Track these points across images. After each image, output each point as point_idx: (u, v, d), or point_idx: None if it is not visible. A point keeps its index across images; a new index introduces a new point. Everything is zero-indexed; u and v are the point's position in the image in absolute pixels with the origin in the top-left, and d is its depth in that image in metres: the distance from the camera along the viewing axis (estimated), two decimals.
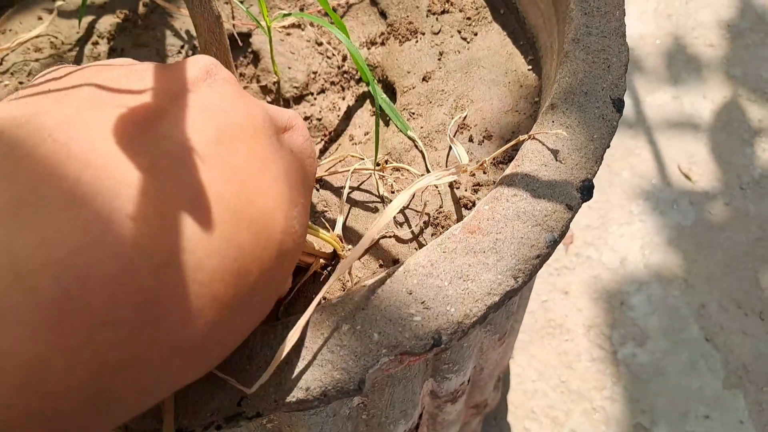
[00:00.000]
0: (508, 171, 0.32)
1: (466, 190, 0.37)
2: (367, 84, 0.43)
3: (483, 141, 0.39)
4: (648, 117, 0.97)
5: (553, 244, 0.29)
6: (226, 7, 0.48)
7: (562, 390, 0.78)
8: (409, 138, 0.40)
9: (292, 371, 0.27)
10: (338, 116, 0.44)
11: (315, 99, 0.46)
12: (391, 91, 0.45)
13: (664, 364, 0.79)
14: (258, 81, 0.46)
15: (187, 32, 0.47)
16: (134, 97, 0.23)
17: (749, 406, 0.76)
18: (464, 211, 0.36)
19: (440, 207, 0.36)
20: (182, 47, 0.47)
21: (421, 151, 0.39)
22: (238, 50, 0.47)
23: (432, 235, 0.35)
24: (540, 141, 0.32)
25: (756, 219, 0.88)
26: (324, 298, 0.34)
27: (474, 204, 0.36)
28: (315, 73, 0.46)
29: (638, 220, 0.89)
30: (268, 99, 0.46)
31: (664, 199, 0.91)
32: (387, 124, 0.42)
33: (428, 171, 0.38)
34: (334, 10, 0.48)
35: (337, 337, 0.28)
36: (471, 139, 0.39)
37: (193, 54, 0.47)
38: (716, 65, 1.02)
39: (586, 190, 0.30)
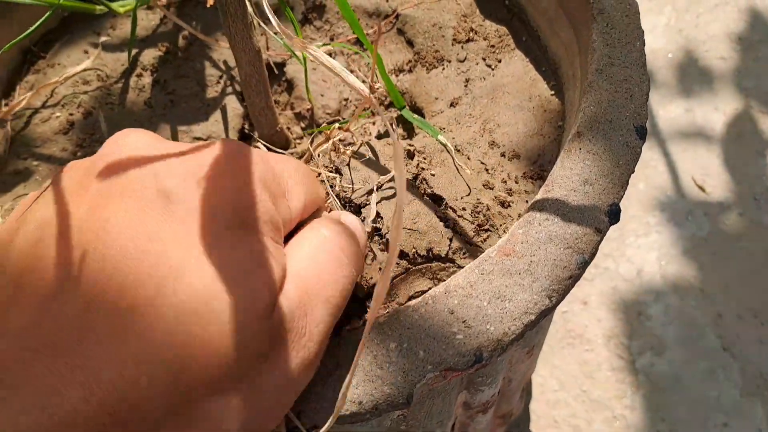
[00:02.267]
0: (539, 196, 0.34)
1: (500, 191, 0.39)
2: (399, 108, 0.45)
3: (512, 159, 0.41)
4: (662, 130, 0.99)
5: (584, 265, 0.31)
6: (261, 38, 0.51)
7: (583, 399, 0.80)
8: (440, 142, 0.42)
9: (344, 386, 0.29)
10: (369, 140, 0.47)
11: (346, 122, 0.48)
12: (419, 116, 0.47)
13: (683, 373, 0.81)
14: (292, 108, 0.49)
15: (225, 63, 0.50)
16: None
17: None
18: (501, 209, 0.38)
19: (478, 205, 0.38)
20: (220, 77, 0.49)
21: (450, 152, 0.41)
22: (273, 79, 0.50)
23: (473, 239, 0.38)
24: (569, 167, 0.34)
25: None
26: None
27: (509, 204, 0.39)
28: (346, 100, 0.49)
29: (654, 232, 0.91)
30: (302, 125, 0.48)
31: (679, 210, 0.92)
32: (414, 135, 0.44)
33: (458, 170, 0.40)
34: (362, 43, 0.50)
35: (385, 354, 0.30)
36: (503, 155, 0.41)
37: (231, 84, 0.49)
38: (728, 78, 1.04)
39: (614, 214, 0.32)
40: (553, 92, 0.45)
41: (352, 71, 0.50)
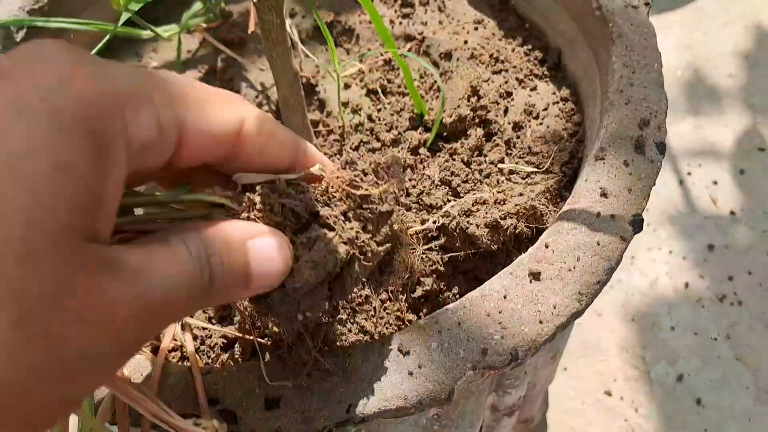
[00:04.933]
0: (566, 207, 0.37)
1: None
2: (421, 116, 0.48)
3: (541, 149, 0.45)
4: (672, 146, 1.02)
5: (610, 271, 0.34)
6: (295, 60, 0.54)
7: (598, 408, 0.81)
8: None
9: (391, 383, 0.32)
10: (400, 149, 0.49)
11: (375, 136, 0.50)
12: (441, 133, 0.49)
13: (696, 383, 0.83)
14: (325, 125, 0.51)
15: (261, 84, 0.52)
16: None
17: None
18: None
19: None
20: (257, 97, 0.52)
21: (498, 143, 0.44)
22: (306, 98, 0.53)
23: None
24: (593, 180, 0.37)
25: None
26: (409, 321, 0.39)
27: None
28: (376, 116, 0.51)
29: (666, 245, 0.93)
30: (333, 138, 0.51)
31: (690, 224, 0.95)
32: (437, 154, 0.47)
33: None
34: (391, 60, 0.53)
35: (427, 353, 0.32)
36: (532, 148, 0.45)
37: (267, 103, 0.52)
38: (735, 95, 1.06)
39: (637, 224, 0.35)
40: (574, 107, 0.47)
41: (375, 92, 0.52)
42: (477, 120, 0.47)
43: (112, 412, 0.32)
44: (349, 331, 0.37)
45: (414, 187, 0.45)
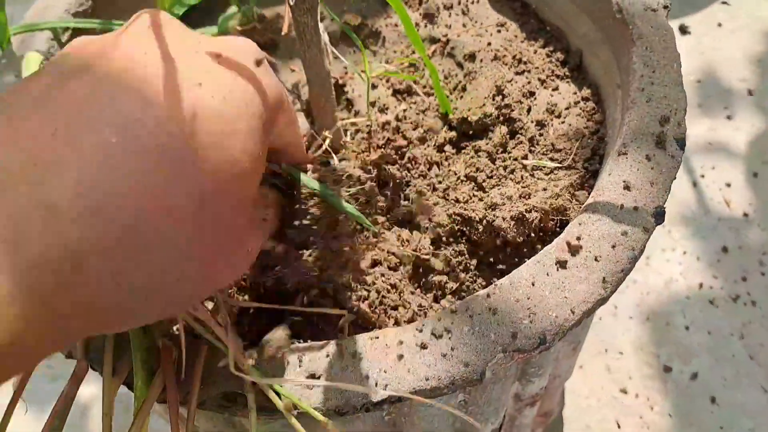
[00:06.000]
0: (590, 200, 0.38)
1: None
2: (446, 115, 0.50)
3: (564, 146, 0.46)
4: (686, 148, 1.03)
5: (633, 260, 0.35)
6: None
7: (614, 405, 0.83)
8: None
9: (425, 364, 0.34)
10: (426, 147, 0.51)
11: (401, 134, 0.52)
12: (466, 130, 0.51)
13: (710, 381, 0.84)
14: (353, 124, 0.53)
15: (294, 85, 0.54)
16: None
17: None
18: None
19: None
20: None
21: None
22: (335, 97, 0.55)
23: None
24: (616, 174, 0.38)
25: None
26: (443, 307, 0.41)
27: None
28: (402, 115, 0.53)
29: (680, 245, 0.95)
30: (362, 136, 0.53)
31: (704, 224, 0.96)
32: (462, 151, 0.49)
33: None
34: (414, 64, 0.55)
35: (459, 336, 0.34)
36: (555, 145, 0.46)
37: (298, 102, 0.54)
38: (748, 98, 1.08)
39: (659, 216, 0.36)
40: (594, 106, 0.49)
41: (401, 92, 0.54)
42: (501, 118, 0.49)
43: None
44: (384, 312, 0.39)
45: (440, 182, 0.47)
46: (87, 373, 0.36)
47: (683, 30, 1.18)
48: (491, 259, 0.44)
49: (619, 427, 0.82)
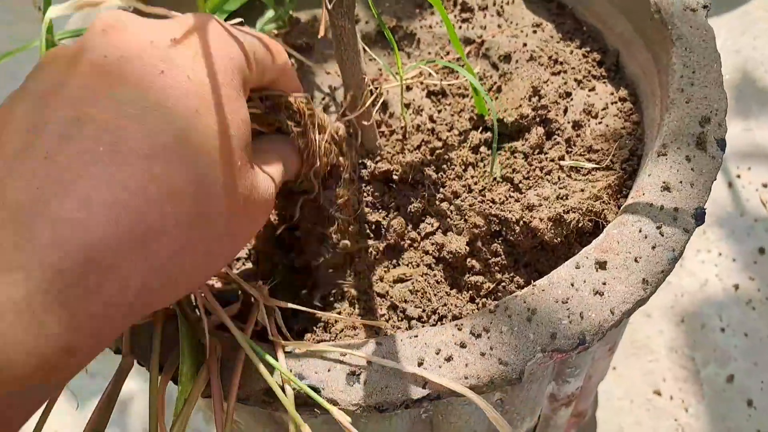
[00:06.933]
0: (630, 201, 0.38)
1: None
2: (481, 116, 0.50)
3: (601, 147, 0.46)
4: None
5: (673, 261, 0.35)
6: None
7: (648, 408, 0.82)
8: None
9: (464, 363, 0.34)
10: (462, 149, 0.51)
11: (436, 135, 0.53)
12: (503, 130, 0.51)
13: (746, 384, 0.83)
14: (388, 126, 0.54)
15: (330, 86, 0.55)
16: None
17: None
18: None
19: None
20: (323, 99, 0.55)
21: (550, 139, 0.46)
22: None
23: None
24: (656, 175, 0.38)
25: None
26: (483, 304, 0.41)
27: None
28: (437, 117, 0.53)
29: (715, 246, 0.93)
30: (396, 138, 0.53)
31: (740, 225, 0.95)
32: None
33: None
34: (448, 66, 0.55)
35: (498, 336, 0.34)
36: (592, 146, 0.46)
37: (333, 104, 0.55)
38: None
39: (700, 216, 0.36)
40: (632, 107, 0.49)
41: (435, 93, 0.54)
42: (538, 119, 0.49)
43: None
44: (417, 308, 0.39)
45: (476, 183, 0.47)
46: (132, 368, 0.37)
47: (717, 28, 1.16)
48: (528, 260, 0.44)
49: (653, 429, 0.81)
